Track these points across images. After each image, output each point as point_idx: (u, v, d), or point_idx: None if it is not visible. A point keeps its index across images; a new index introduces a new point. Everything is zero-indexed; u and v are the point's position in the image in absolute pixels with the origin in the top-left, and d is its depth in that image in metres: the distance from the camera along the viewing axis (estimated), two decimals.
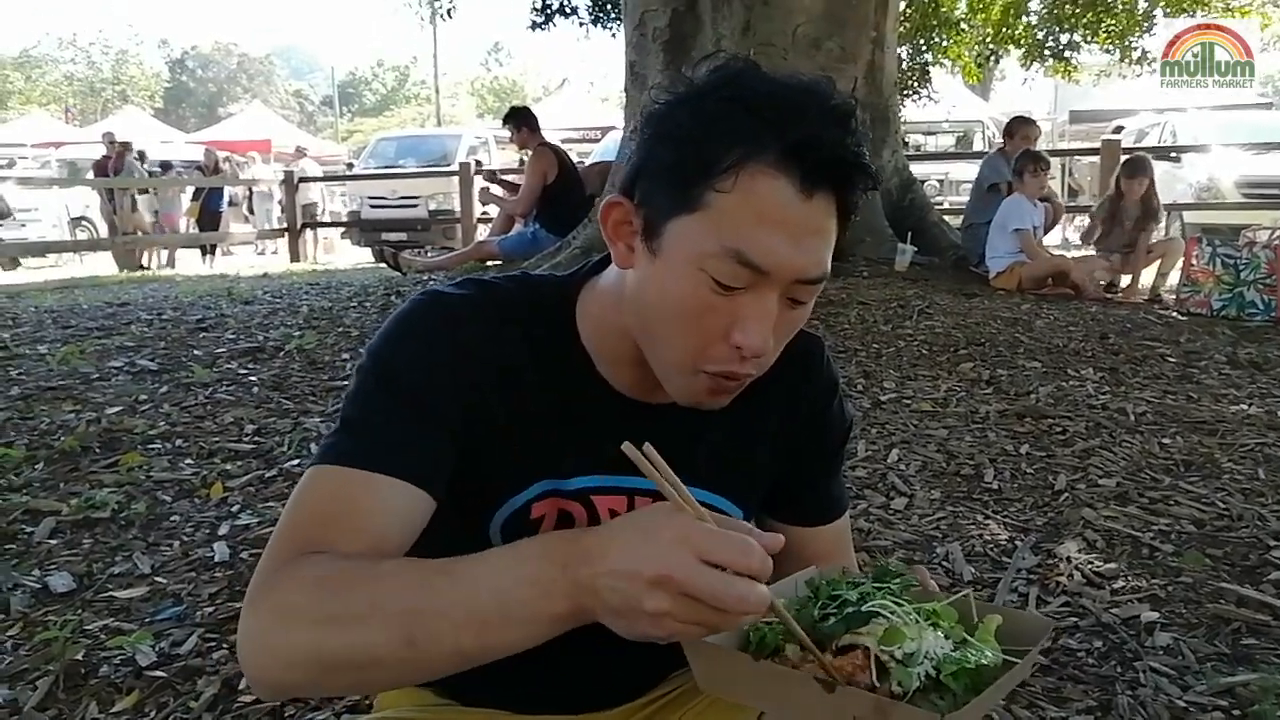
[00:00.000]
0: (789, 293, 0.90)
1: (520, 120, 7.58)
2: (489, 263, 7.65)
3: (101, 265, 12.27)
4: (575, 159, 8.43)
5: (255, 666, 0.82)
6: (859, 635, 0.81)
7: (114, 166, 13.25)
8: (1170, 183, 9.70)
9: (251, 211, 15.71)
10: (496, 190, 8.13)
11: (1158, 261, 6.95)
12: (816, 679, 0.77)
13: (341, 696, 1.83)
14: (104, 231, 13.45)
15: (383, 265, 8.31)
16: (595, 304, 1.02)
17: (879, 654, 0.79)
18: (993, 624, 0.87)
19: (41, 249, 12.57)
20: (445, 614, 0.77)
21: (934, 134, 17.27)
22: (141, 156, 14.20)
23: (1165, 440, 3.37)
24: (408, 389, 0.93)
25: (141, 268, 11.79)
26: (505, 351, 0.98)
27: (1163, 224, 7.65)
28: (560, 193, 7.32)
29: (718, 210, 0.86)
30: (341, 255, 13.64)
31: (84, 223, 14.62)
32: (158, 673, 1.90)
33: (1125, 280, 6.93)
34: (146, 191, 13.71)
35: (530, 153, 7.60)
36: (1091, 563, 2.43)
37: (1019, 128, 7.53)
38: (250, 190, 15.68)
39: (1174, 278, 6.78)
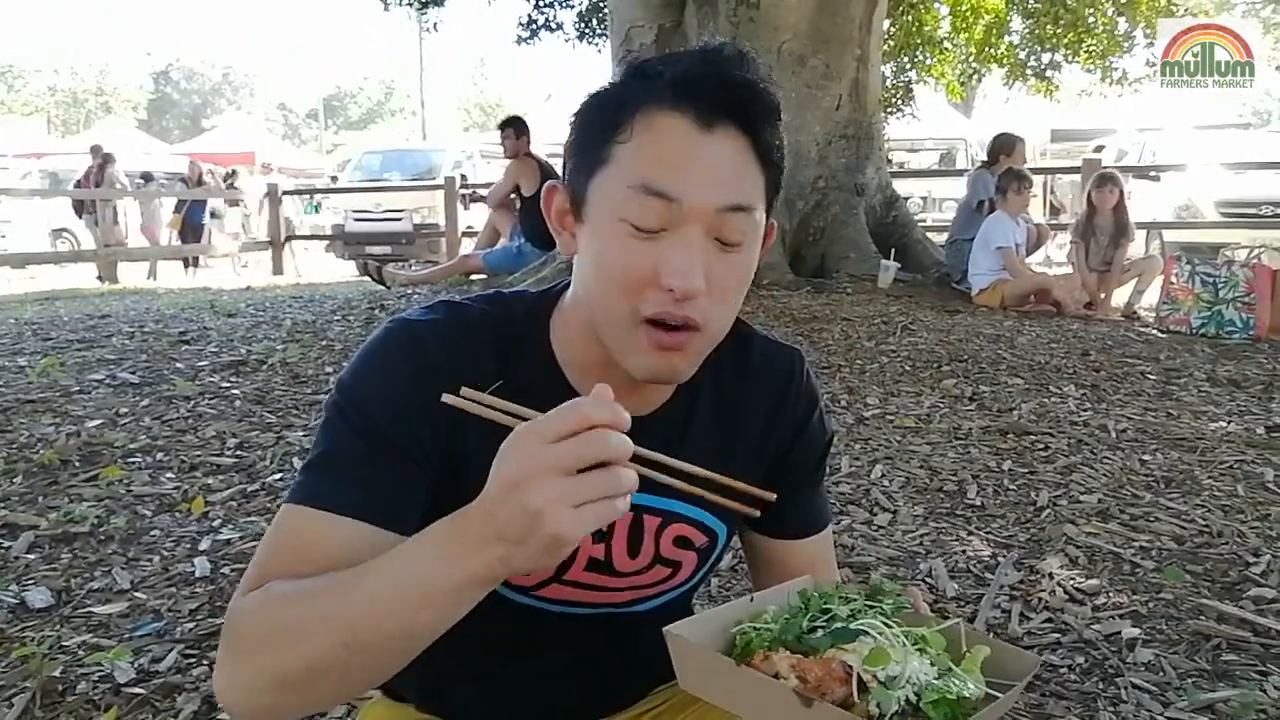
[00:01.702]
0: (714, 231, 0.90)
1: (516, 128, 7.60)
2: (473, 276, 7.65)
3: (82, 277, 12.18)
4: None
5: (226, 697, 0.88)
6: (844, 651, 0.81)
7: (95, 179, 13.16)
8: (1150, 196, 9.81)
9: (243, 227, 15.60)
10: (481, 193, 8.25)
11: (1135, 279, 7.01)
12: (796, 693, 0.77)
13: (317, 717, 1.82)
14: (85, 243, 13.36)
15: (365, 278, 8.29)
16: (565, 317, 1.03)
17: (861, 673, 0.79)
18: (979, 655, 0.87)
19: (21, 260, 12.47)
20: (368, 609, 0.79)
21: (917, 151, 17.40)
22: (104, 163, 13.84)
23: (1146, 457, 3.39)
24: (373, 425, 0.93)
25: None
26: (474, 373, 0.96)
27: (1136, 240, 7.70)
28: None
29: (621, 159, 0.90)
30: (309, 270, 13.28)
31: (64, 234, 14.51)
32: (137, 689, 1.88)
33: (1102, 296, 6.99)
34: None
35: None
36: (1073, 579, 2.44)
37: (1003, 145, 7.59)
38: (239, 203, 15.60)
39: (1151, 295, 6.84)
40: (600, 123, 0.92)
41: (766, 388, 1.09)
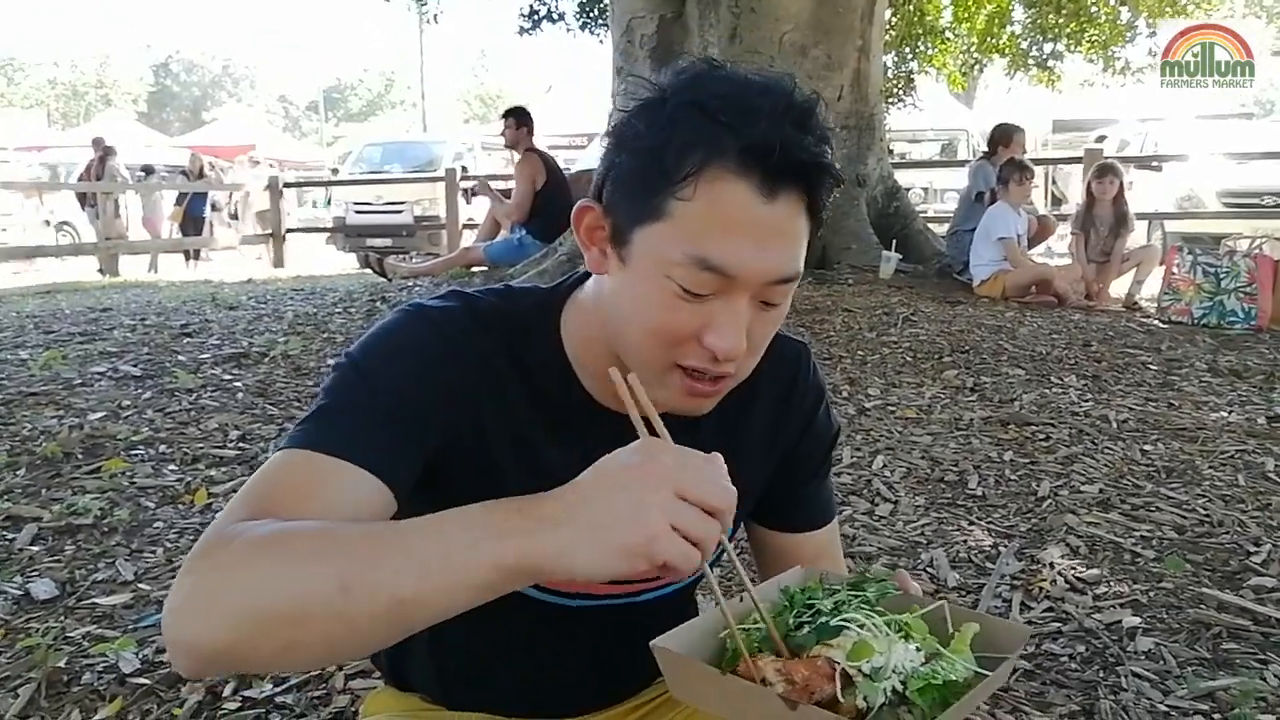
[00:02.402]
0: (760, 295, 0.90)
1: (519, 119, 7.56)
2: (474, 269, 7.65)
3: (83, 270, 12.18)
4: (561, 165, 8.45)
5: (181, 628, 0.74)
6: (829, 648, 0.82)
7: (96, 172, 13.16)
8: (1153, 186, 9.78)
9: (234, 216, 15.57)
10: (490, 187, 8.20)
11: (1134, 269, 7.01)
12: (781, 697, 0.77)
13: (320, 706, 1.82)
14: (85, 236, 13.36)
15: (366, 271, 8.29)
16: (578, 316, 1.02)
17: (847, 668, 0.80)
18: (969, 633, 0.87)
19: (24, 253, 12.48)
20: (384, 559, 0.72)
21: (919, 142, 17.35)
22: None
23: (1147, 447, 3.39)
24: (385, 393, 0.91)
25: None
26: (488, 365, 0.97)
27: (1136, 230, 7.69)
28: (547, 199, 7.33)
29: (681, 218, 0.86)
30: (299, 264, 13.14)
31: (65, 227, 14.51)
32: (141, 680, 1.89)
33: (1100, 287, 6.99)
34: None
35: (518, 155, 7.61)
36: (1074, 568, 2.45)
37: (1001, 136, 7.58)
38: (240, 194, 15.59)
39: (1151, 285, 6.83)
40: (657, 167, 0.87)
41: (773, 383, 1.09)
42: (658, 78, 0.91)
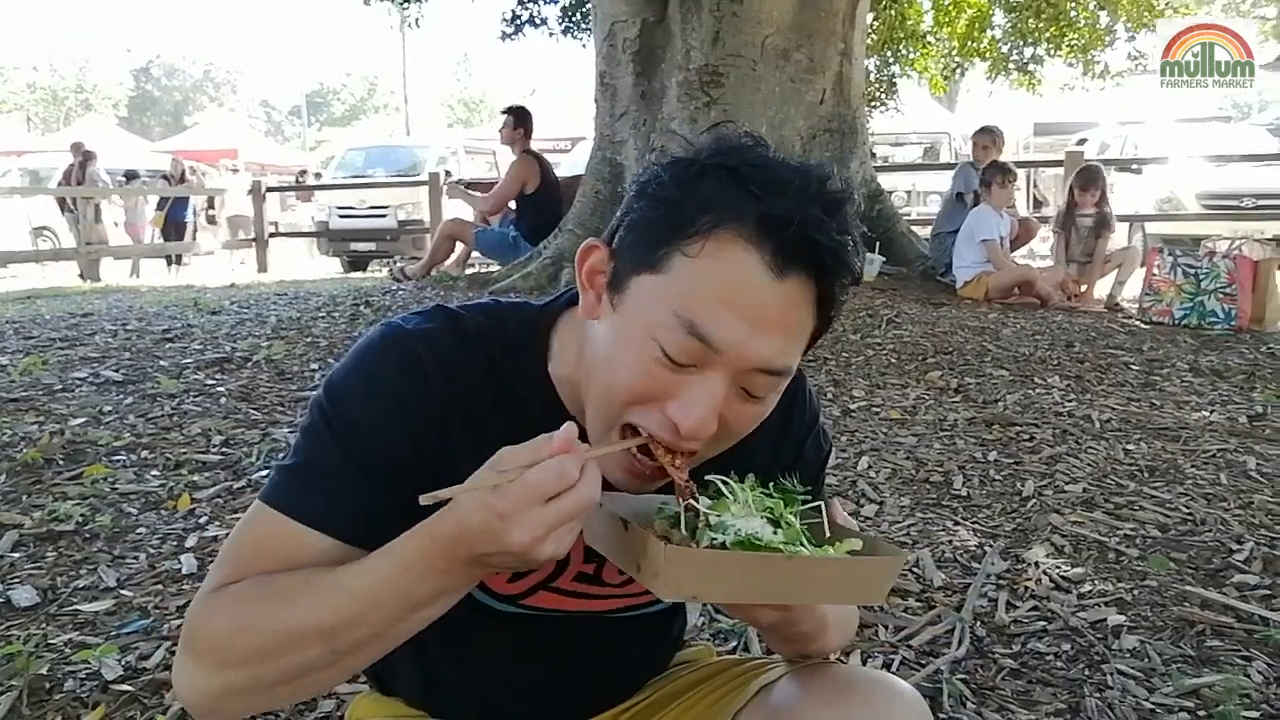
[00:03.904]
0: (742, 381, 0.86)
1: (519, 119, 7.53)
2: (457, 246, 7.65)
3: (64, 276, 12.09)
4: None
5: (193, 706, 0.89)
6: (704, 497, 0.87)
7: (77, 177, 13.06)
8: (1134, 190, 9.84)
9: (211, 221, 15.47)
10: (469, 193, 8.16)
11: (1115, 269, 7.06)
12: (620, 518, 0.85)
13: (306, 710, 1.81)
14: (65, 241, 13.26)
15: (352, 274, 8.26)
16: (567, 338, 0.99)
17: (703, 510, 0.85)
18: (846, 545, 0.88)
19: (3, 260, 12.38)
20: (354, 618, 0.83)
21: (901, 145, 17.44)
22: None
23: (1130, 446, 3.41)
24: (355, 436, 0.92)
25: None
26: (468, 388, 0.96)
27: (1117, 232, 7.75)
28: (539, 202, 7.33)
29: (679, 275, 0.83)
30: (282, 269, 13.08)
31: (45, 232, 14.39)
32: (124, 686, 1.87)
33: (1084, 288, 7.04)
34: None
35: (514, 155, 7.60)
36: (1059, 567, 2.46)
37: (982, 138, 7.64)
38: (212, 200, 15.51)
39: (1132, 286, 6.88)
40: (670, 218, 0.84)
41: (767, 428, 1.00)
42: (698, 141, 0.91)
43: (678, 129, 6.37)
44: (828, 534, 0.90)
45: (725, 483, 0.90)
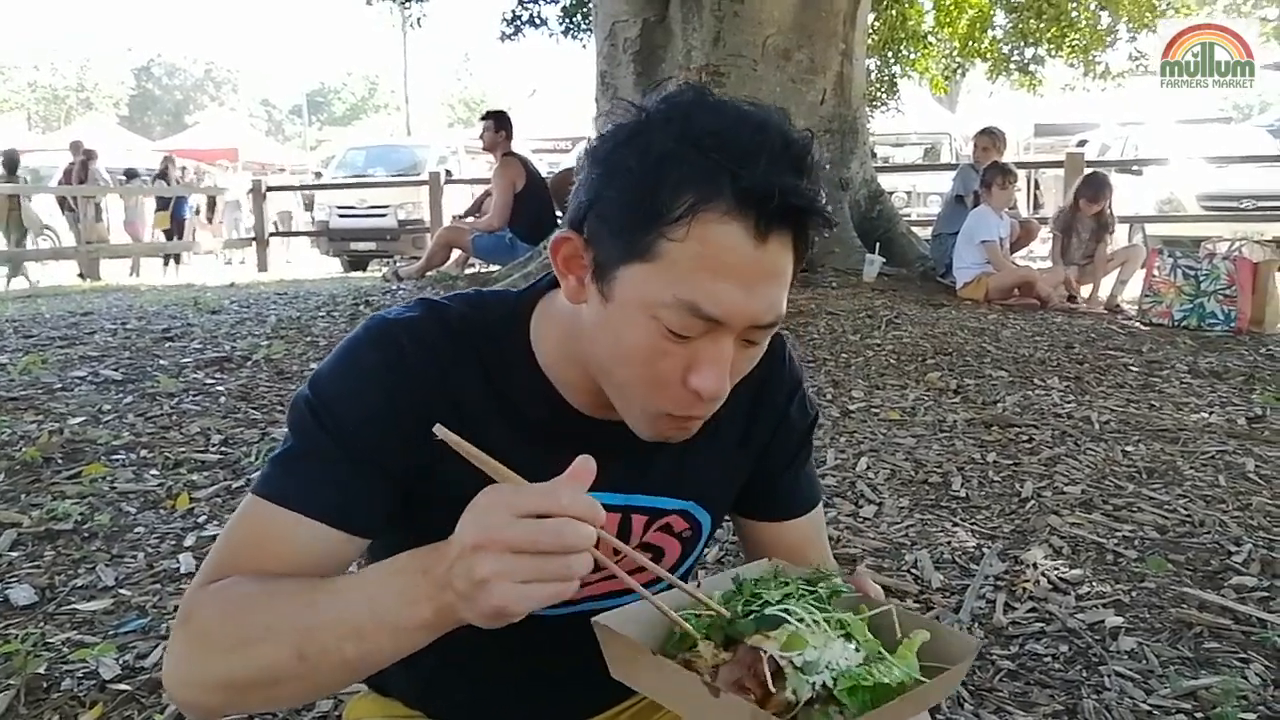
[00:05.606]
0: (744, 335, 0.90)
1: (500, 122, 7.53)
2: (454, 253, 7.61)
3: (64, 275, 12.10)
4: (546, 170, 8.42)
5: (180, 693, 0.89)
6: (766, 638, 0.82)
7: (78, 176, 13.05)
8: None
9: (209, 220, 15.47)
10: (468, 221, 8.09)
11: (1117, 270, 7.06)
12: (705, 683, 0.78)
13: (304, 710, 1.82)
14: (66, 241, 13.25)
15: (352, 274, 8.25)
16: (550, 324, 1.00)
17: (778, 658, 0.79)
18: (917, 640, 0.85)
19: (4, 259, 12.37)
20: (328, 628, 0.81)
21: (902, 146, 17.45)
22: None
23: (1129, 448, 3.41)
24: (343, 428, 0.92)
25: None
26: (455, 377, 0.96)
27: (1117, 233, 7.75)
28: (530, 201, 7.32)
29: (670, 260, 0.84)
30: (282, 268, 13.12)
31: (45, 231, 14.38)
32: (122, 686, 1.87)
33: (1085, 291, 7.04)
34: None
35: (495, 160, 7.58)
36: (1057, 569, 2.46)
37: (983, 139, 7.64)
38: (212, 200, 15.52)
39: (1133, 287, 6.88)
40: (647, 205, 0.84)
41: (750, 376, 1.03)
42: (643, 100, 0.90)
43: None
44: (897, 632, 0.87)
45: (769, 606, 0.85)
